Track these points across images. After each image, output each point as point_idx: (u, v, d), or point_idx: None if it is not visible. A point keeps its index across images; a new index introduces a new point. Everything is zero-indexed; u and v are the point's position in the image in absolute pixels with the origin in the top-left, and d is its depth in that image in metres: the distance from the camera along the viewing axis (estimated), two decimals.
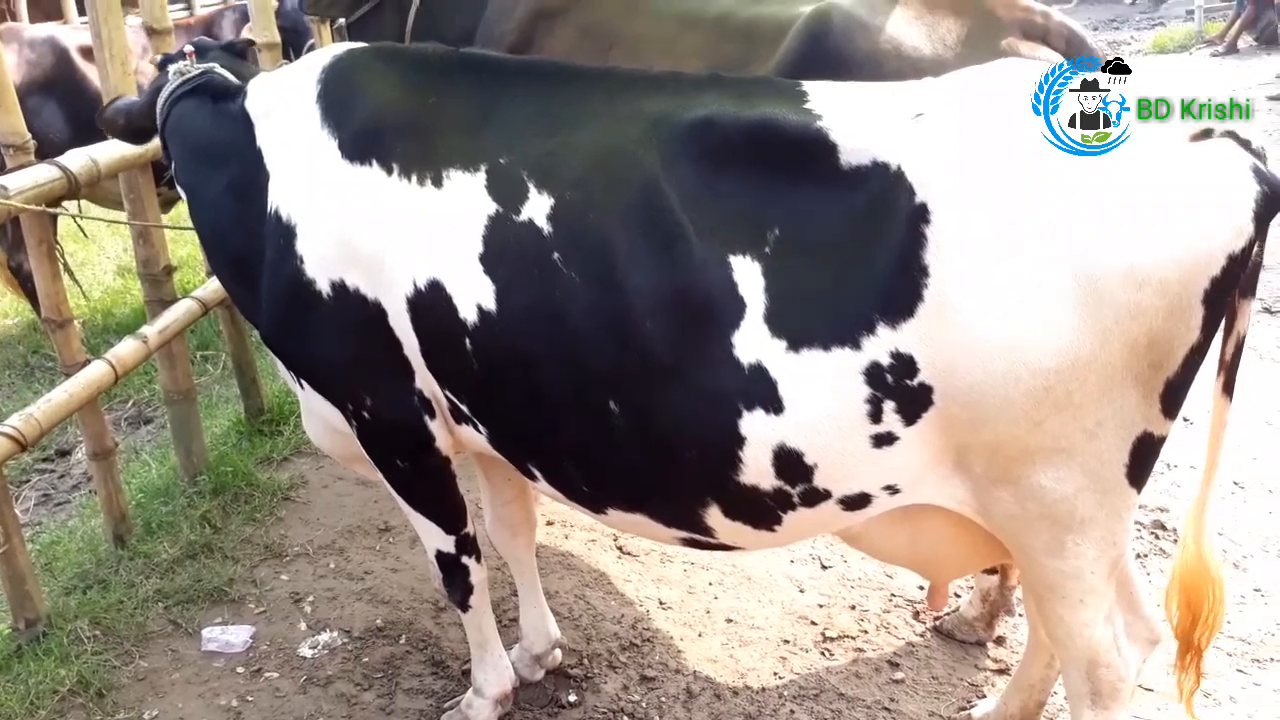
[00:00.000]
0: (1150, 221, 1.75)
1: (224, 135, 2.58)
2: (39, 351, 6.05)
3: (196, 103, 2.68)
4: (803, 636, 3.33)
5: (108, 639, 3.33)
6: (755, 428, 1.98)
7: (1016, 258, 1.78)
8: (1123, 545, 2.06)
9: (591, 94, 2.27)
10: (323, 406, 2.53)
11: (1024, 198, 1.80)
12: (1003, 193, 1.81)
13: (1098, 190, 1.77)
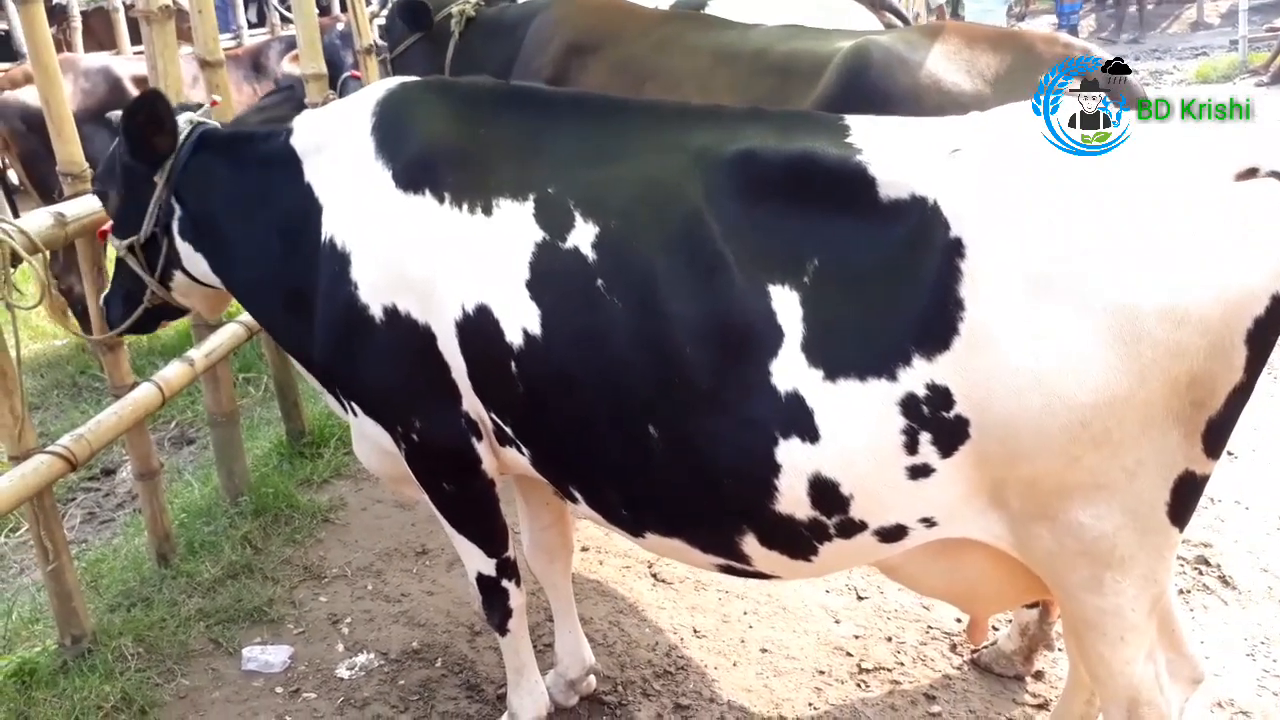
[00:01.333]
0: (1191, 259, 1.75)
1: (263, 179, 2.62)
2: (86, 372, 6.19)
3: (212, 156, 2.69)
4: (838, 668, 3.32)
5: (150, 656, 3.39)
6: (791, 456, 2.00)
7: (1052, 293, 1.79)
8: (1164, 583, 2.04)
9: (637, 126, 2.33)
10: (374, 430, 2.58)
11: (1060, 233, 1.80)
12: (1039, 228, 1.82)
13: (1137, 227, 1.77)
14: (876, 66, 2.99)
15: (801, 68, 3.25)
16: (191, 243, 2.74)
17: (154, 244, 2.77)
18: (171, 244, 2.76)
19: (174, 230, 2.74)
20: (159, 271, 2.81)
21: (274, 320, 2.80)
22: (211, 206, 2.70)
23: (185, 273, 2.81)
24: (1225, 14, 19.04)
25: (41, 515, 3.25)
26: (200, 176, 2.69)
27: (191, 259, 2.77)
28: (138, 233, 2.74)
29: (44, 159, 5.04)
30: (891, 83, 2.93)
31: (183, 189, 2.70)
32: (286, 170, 2.57)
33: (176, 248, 2.76)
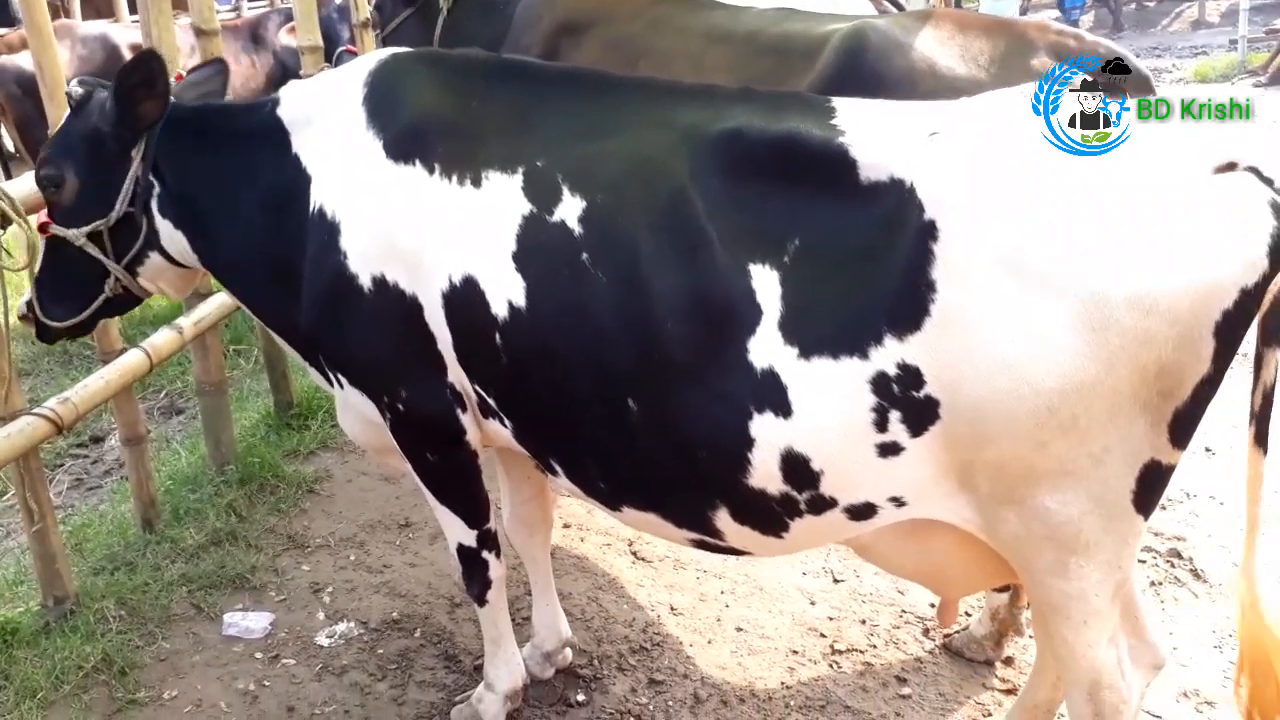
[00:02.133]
0: (1161, 249, 1.77)
1: (247, 151, 2.61)
2: (77, 340, 6.19)
3: (189, 129, 2.65)
4: (812, 648, 3.36)
5: (132, 619, 3.42)
6: (764, 431, 2.04)
7: (1023, 277, 1.81)
8: (1128, 569, 2.08)
9: (628, 103, 2.35)
10: (359, 400, 2.60)
11: (1033, 219, 1.83)
12: (1011, 213, 1.84)
13: (1110, 215, 1.80)
14: (873, 49, 3.02)
15: (797, 49, 3.27)
16: (172, 220, 2.68)
17: (128, 225, 2.66)
18: (151, 223, 2.67)
19: (153, 208, 2.67)
20: (132, 255, 2.70)
21: (257, 293, 2.76)
22: (192, 181, 2.65)
23: (162, 253, 2.73)
24: (1225, 13, 19.02)
25: (27, 477, 3.28)
26: (179, 150, 2.64)
27: (171, 237, 2.70)
28: (106, 215, 2.63)
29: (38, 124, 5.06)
30: (887, 65, 2.96)
31: (161, 164, 2.63)
32: (273, 141, 2.57)
33: (156, 226, 2.68)
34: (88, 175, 2.64)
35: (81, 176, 2.64)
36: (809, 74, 3.18)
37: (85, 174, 2.64)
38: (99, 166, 2.63)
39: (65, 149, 2.67)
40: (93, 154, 2.63)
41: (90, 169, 2.64)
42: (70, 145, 2.66)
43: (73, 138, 2.66)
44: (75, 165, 2.64)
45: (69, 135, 2.68)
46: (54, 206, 2.70)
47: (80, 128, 2.65)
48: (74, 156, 2.65)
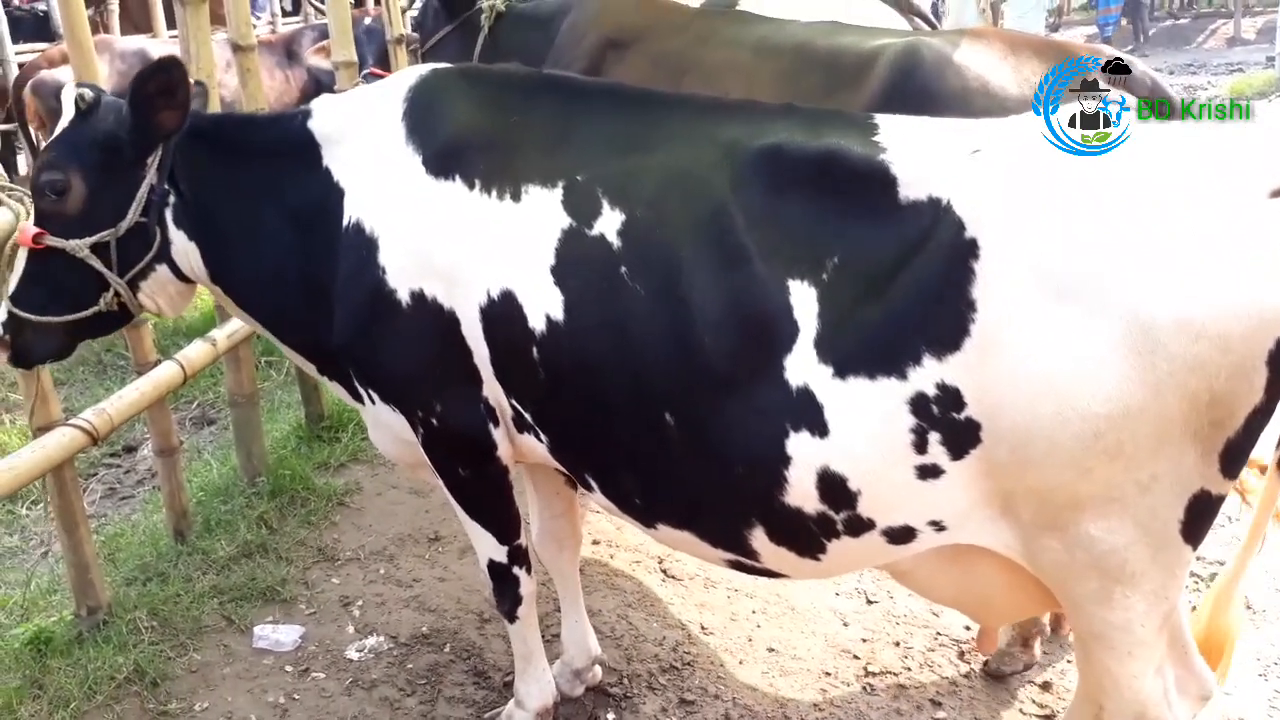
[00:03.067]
0: (1213, 274, 1.73)
1: (273, 163, 2.57)
2: (112, 350, 6.25)
3: (208, 140, 2.58)
4: (845, 670, 3.32)
5: (164, 630, 3.43)
6: (801, 449, 2.02)
7: (1068, 299, 1.78)
8: (1174, 599, 2.03)
9: (669, 118, 2.34)
10: (390, 416, 2.58)
11: (1077, 239, 1.80)
12: (1057, 232, 1.81)
13: (1160, 237, 1.76)
14: (927, 66, 3.01)
15: (848, 63, 3.26)
16: (186, 232, 2.57)
17: (139, 237, 2.53)
18: (164, 235, 2.55)
19: (168, 219, 2.55)
20: (138, 268, 2.56)
21: (275, 308, 2.67)
22: (211, 192, 2.57)
23: (171, 266, 2.61)
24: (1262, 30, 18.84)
25: (63, 486, 3.30)
26: (198, 160, 2.56)
27: (184, 250, 2.59)
28: (115, 225, 2.49)
29: None
30: (941, 84, 2.95)
31: (177, 174, 2.54)
32: (302, 155, 2.54)
33: (170, 238, 2.56)
34: (97, 183, 2.49)
35: (90, 184, 2.49)
36: (861, 89, 3.17)
37: (95, 181, 2.49)
38: (111, 174, 2.49)
39: (72, 154, 2.49)
40: (105, 160, 2.49)
41: (101, 176, 2.49)
42: (79, 150, 2.49)
43: (82, 142, 2.49)
44: (84, 171, 2.48)
45: (77, 140, 2.50)
46: (50, 215, 2.50)
47: (91, 133, 2.50)
48: (83, 162, 2.48)
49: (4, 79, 9.19)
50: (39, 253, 2.52)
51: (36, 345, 2.62)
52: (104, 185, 2.50)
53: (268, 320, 2.74)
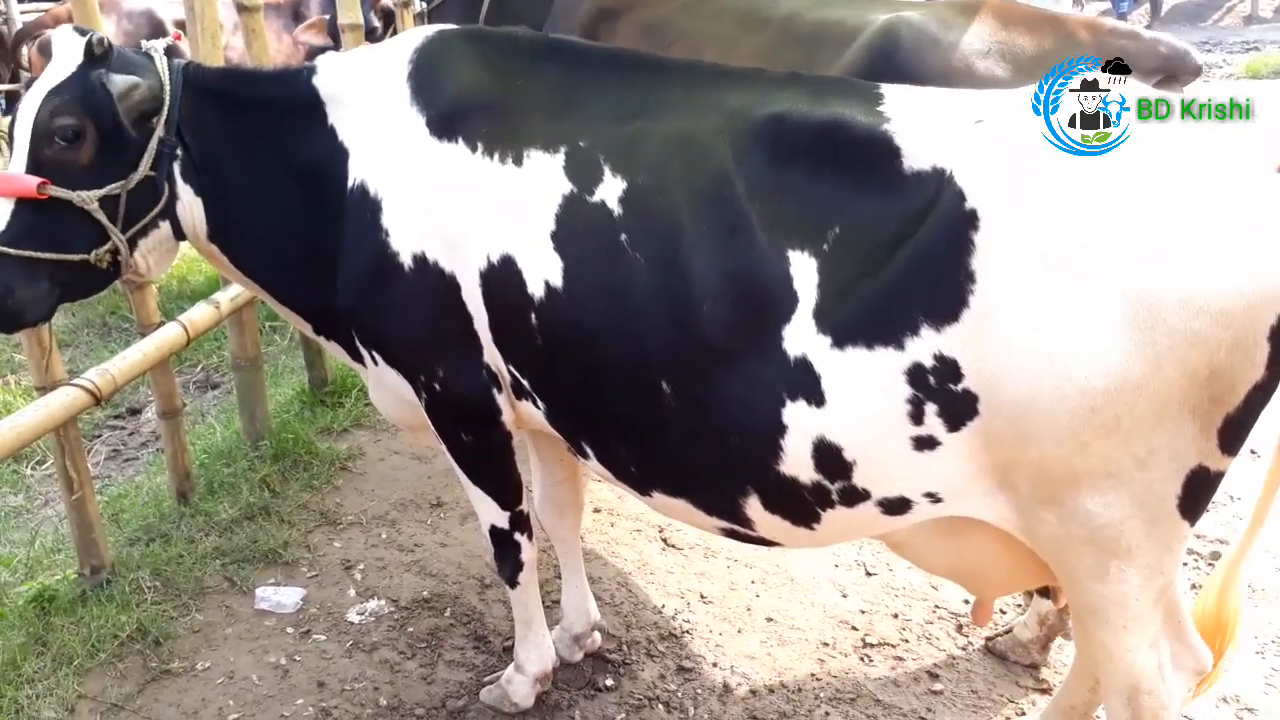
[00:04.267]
0: (1214, 248, 1.72)
1: (277, 120, 2.53)
2: (116, 312, 6.26)
3: (214, 94, 2.53)
4: (843, 641, 3.33)
5: (167, 590, 3.46)
6: (797, 418, 2.02)
7: (1067, 272, 1.77)
8: (1171, 574, 2.03)
9: (673, 85, 2.32)
10: (393, 379, 2.59)
11: (1080, 212, 1.78)
12: (1058, 205, 1.80)
13: (1161, 210, 1.75)
14: (906, 47, 2.95)
15: (831, 39, 3.21)
16: (193, 187, 2.51)
17: (147, 191, 2.45)
18: (173, 189, 2.49)
19: (176, 173, 2.48)
20: (142, 224, 2.47)
21: (276, 268, 2.64)
22: (215, 147, 2.52)
23: (173, 223, 2.54)
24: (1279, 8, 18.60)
25: (66, 446, 3.32)
26: (201, 114, 2.50)
27: (190, 205, 2.53)
28: (123, 178, 2.39)
29: None
30: (920, 65, 2.89)
31: (183, 127, 2.47)
32: (308, 113, 2.51)
33: (177, 193, 2.50)
34: (111, 132, 2.37)
35: (104, 132, 2.36)
36: (839, 68, 3.11)
37: (109, 130, 2.37)
38: (117, 125, 2.37)
39: (86, 100, 2.34)
40: (112, 111, 2.35)
41: (114, 125, 2.37)
42: (91, 96, 2.34)
43: (95, 89, 2.34)
44: (96, 119, 2.35)
45: (90, 85, 2.35)
46: (55, 163, 2.34)
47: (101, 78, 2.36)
48: (97, 109, 2.35)
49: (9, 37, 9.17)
50: (28, 205, 2.33)
51: (27, 308, 2.40)
52: (117, 135, 2.38)
53: (266, 280, 2.70)
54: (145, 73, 2.45)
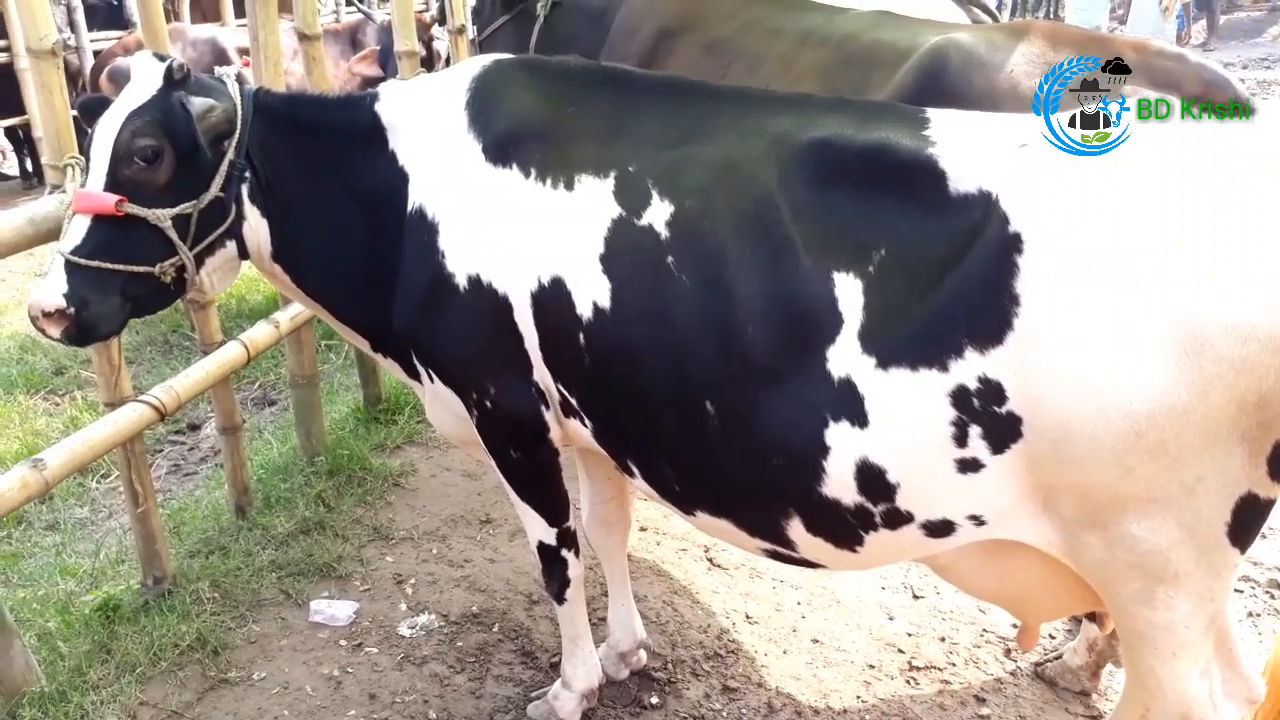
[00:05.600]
0: (1262, 274, 1.71)
1: (341, 145, 2.62)
2: (178, 330, 6.44)
3: (281, 118, 2.62)
4: (889, 663, 3.33)
5: (225, 602, 3.56)
6: (840, 439, 2.04)
7: (1111, 296, 1.77)
8: (1221, 602, 2.01)
9: (721, 110, 2.37)
10: (448, 395, 2.66)
11: (1122, 235, 1.79)
12: (1100, 229, 1.81)
13: (1206, 236, 1.75)
14: (953, 68, 2.96)
15: (884, 60, 3.23)
16: (260, 208, 2.61)
17: (216, 211, 2.54)
18: (240, 210, 2.58)
19: (244, 195, 2.57)
20: (208, 242, 2.55)
21: (337, 287, 2.73)
22: (282, 170, 2.61)
23: (239, 243, 2.63)
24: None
25: (132, 460, 3.43)
26: (269, 138, 2.60)
27: (256, 226, 2.62)
28: (195, 198, 2.48)
29: None
30: (967, 86, 2.90)
31: (251, 150, 2.57)
32: (370, 138, 2.61)
33: (244, 213, 2.59)
34: (187, 153, 2.46)
35: (180, 154, 2.46)
36: (890, 88, 3.14)
37: (185, 152, 2.46)
38: (195, 147, 2.46)
39: (166, 122, 2.44)
40: (190, 133, 2.45)
41: (191, 147, 2.46)
42: (172, 118, 2.44)
43: (175, 112, 2.44)
44: (174, 140, 2.45)
45: (169, 108, 2.45)
46: (134, 182, 2.43)
47: (180, 100, 2.45)
48: (176, 131, 2.44)
49: (80, 66, 9.50)
50: (106, 218, 2.42)
51: (101, 321, 2.46)
52: (192, 156, 2.47)
53: (327, 299, 2.78)
54: (219, 96, 2.55)
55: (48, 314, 2.39)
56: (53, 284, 2.38)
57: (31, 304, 2.40)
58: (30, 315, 2.42)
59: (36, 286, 2.42)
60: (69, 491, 4.63)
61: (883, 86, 3.15)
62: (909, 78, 3.06)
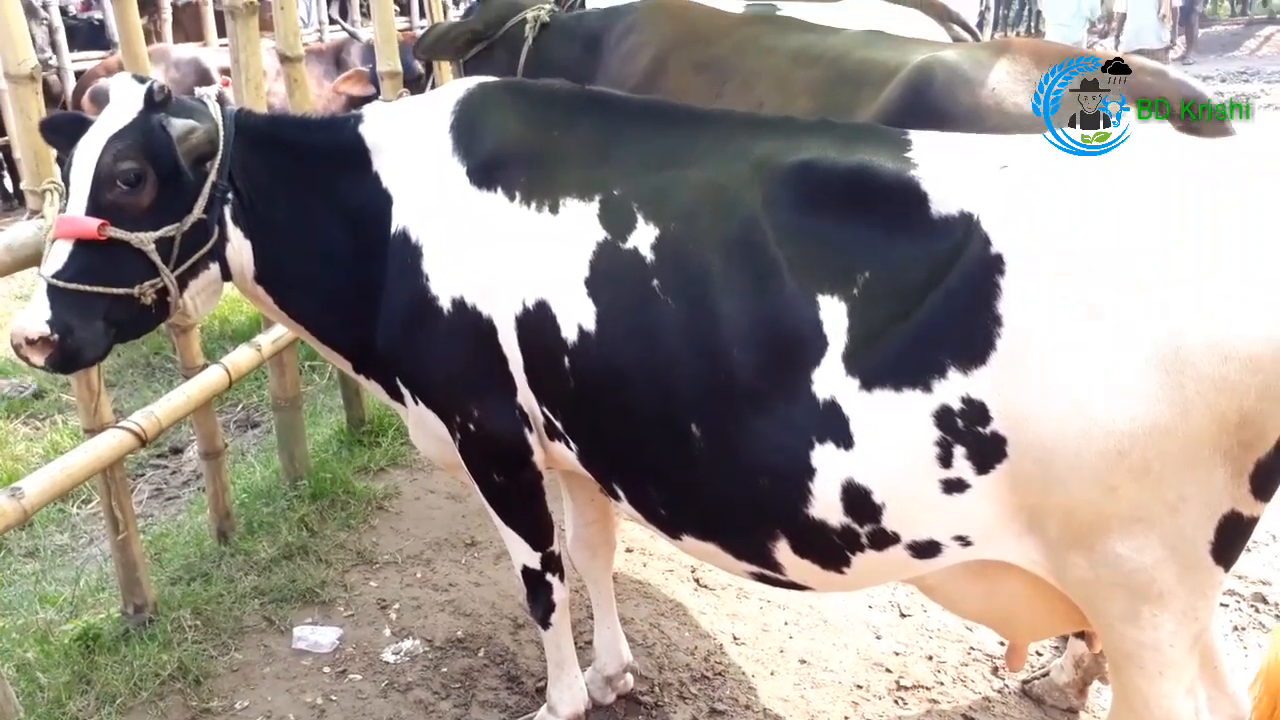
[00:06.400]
0: (1241, 294, 1.73)
1: (325, 166, 2.61)
2: (160, 352, 6.40)
3: (264, 139, 2.61)
4: (877, 683, 3.31)
5: (207, 629, 3.52)
6: (825, 461, 2.04)
7: (1092, 316, 1.78)
8: (1206, 620, 2.01)
9: (705, 134, 2.38)
10: (431, 418, 2.64)
11: (1103, 256, 1.80)
12: (1081, 249, 1.82)
13: (1186, 255, 1.76)
14: (939, 85, 2.99)
15: (874, 77, 3.26)
16: (243, 229, 2.58)
17: (199, 233, 2.50)
18: (223, 231, 2.55)
19: (226, 216, 2.54)
20: (190, 264, 2.51)
21: (320, 309, 2.71)
22: (265, 191, 2.59)
23: (221, 264, 2.59)
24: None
25: (113, 487, 3.40)
26: (252, 159, 2.57)
27: (239, 248, 2.59)
28: (178, 220, 2.45)
29: None
30: (953, 102, 2.92)
31: (234, 171, 2.54)
32: (353, 160, 2.60)
33: (227, 235, 2.56)
34: (169, 176, 2.43)
35: (162, 176, 2.43)
36: (878, 105, 3.16)
37: (167, 174, 2.43)
38: (179, 168, 2.43)
39: (147, 145, 2.41)
40: (171, 156, 2.41)
41: (172, 169, 2.42)
42: (153, 140, 2.41)
43: (156, 134, 2.41)
44: (156, 163, 2.42)
45: (151, 130, 2.42)
46: (116, 206, 2.40)
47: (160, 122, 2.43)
48: (158, 154, 2.42)
49: (62, 87, 9.46)
50: (88, 242, 2.39)
51: (85, 348, 2.43)
52: (174, 178, 2.44)
53: (311, 321, 2.76)
54: (201, 118, 2.53)
55: (31, 341, 2.36)
56: (35, 311, 2.36)
57: (14, 331, 2.38)
58: (13, 343, 2.39)
59: (19, 314, 2.40)
60: (49, 517, 4.58)
61: (872, 102, 3.17)
62: (896, 94, 3.09)
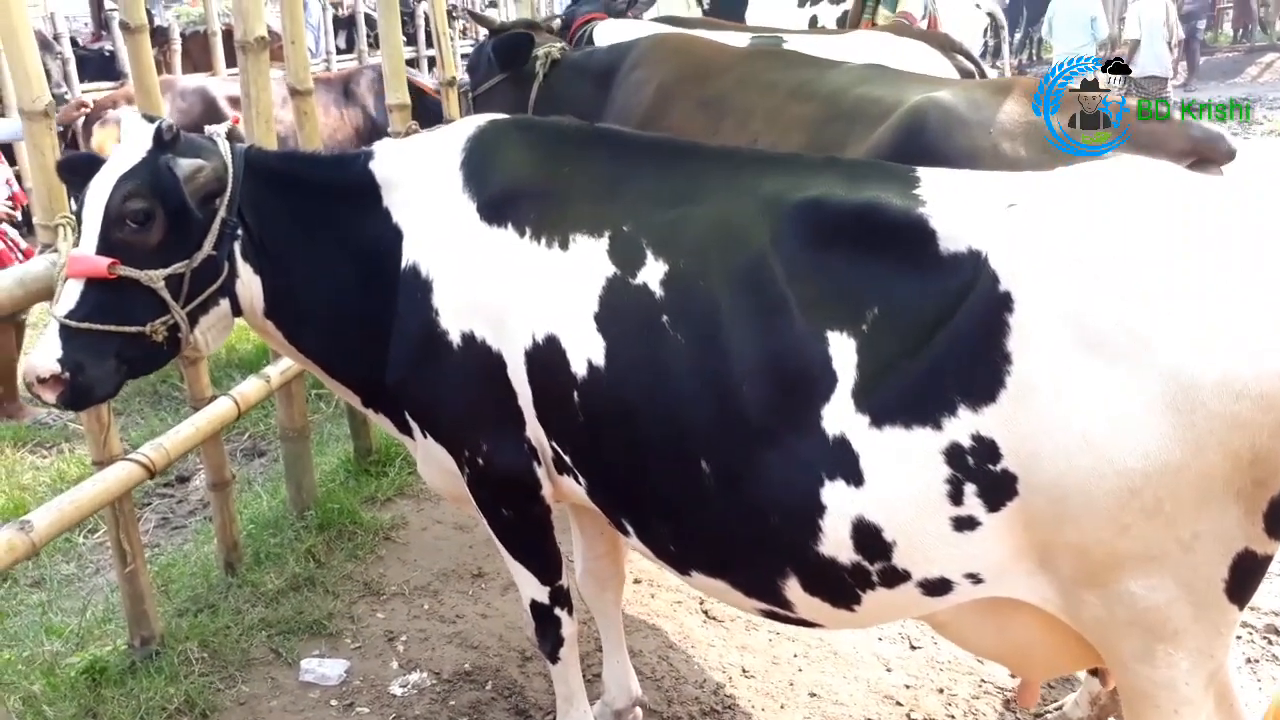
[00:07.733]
0: (1253, 331, 1.72)
1: (336, 202, 2.64)
2: (167, 381, 6.41)
3: (273, 176, 2.64)
4: (887, 716, 3.29)
5: (214, 662, 3.50)
6: (835, 498, 2.03)
7: (1102, 354, 1.78)
8: (1221, 658, 2.00)
9: (714, 171, 2.40)
10: (440, 451, 2.65)
11: (1112, 293, 1.80)
12: (1091, 287, 1.82)
13: (1196, 292, 1.76)
14: (933, 128, 2.98)
15: (867, 116, 3.27)
16: (252, 266, 2.61)
17: (209, 270, 2.53)
18: (233, 268, 2.58)
19: (236, 253, 2.57)
20: (201, 300, 2.54)
21: (329, 343, 2.73)
22: (275, 227, 2.62)
23: (232, 300, 2.62)
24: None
25: (121, 519, 3.40)
26: (262, 195, 2.60)
27: (249, 283, 2.62)
28: (188, 257, 2.49)
29: None
30: (948, 145, 2.90)
31: (244, 208, 2.57)
32: (364, 195, 2.62)
33: (237, 271, 2.59)
34: (178, 214, 2.46)
35: (171, 215, 2.46)
36: (871, 145, 3.16)
37: (176, 212, 2.46)
38: (187, 206, 2.46)
39: (156, 184, 2.45)
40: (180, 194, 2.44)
41: (180, 207, 2.46)
42: (161, 180, 2.45)
43: (164, 173, 2.45)
44: (165, 202, 2.45)
45: (159, 170, 2.45)
46: (126, 244, 2.43)
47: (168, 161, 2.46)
48: (166, 193, 2.44)
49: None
50: (99, 280, 2.42)
51: (96, 385, 2.45)
52: (183, 216, 2.47)
53: (320, 355, 2.78)
54: (210, 155, 2.55)
55: (43, 379, 2.39)
56: (47, 349, 2.39)
57: (27, 370, 2.41)
58: (25, 381, 2.42)
59: (33, 352, 2.42)
60: (55, 547, 4.56)
61: (864, 141, 3.18)
62: (887, 135, 3.10)
